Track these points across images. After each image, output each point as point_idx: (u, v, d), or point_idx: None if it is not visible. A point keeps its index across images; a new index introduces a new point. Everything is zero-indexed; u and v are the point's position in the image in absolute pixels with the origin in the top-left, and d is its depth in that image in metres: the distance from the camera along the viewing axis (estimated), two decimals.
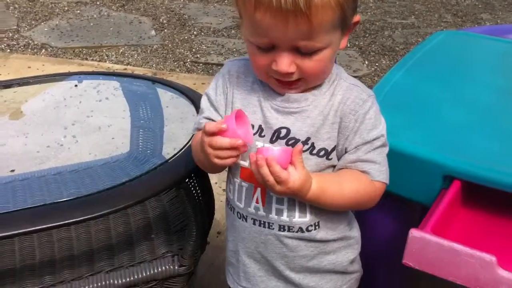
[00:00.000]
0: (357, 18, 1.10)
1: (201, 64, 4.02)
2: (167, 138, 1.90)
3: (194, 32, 4.60)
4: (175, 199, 1.56)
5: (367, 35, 4.51)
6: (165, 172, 1.36)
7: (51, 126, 1.97)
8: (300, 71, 1.05)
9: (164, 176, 1.34)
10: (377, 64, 4.00)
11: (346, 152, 1.12)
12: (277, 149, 1.01)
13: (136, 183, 1.30)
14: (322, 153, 1.11)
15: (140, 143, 1.87)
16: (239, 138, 1.03)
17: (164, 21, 4.84)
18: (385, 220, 1.47)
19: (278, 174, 0.99)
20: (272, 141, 1.11)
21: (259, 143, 1.12)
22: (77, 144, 1.90)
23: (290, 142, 1.10)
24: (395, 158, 1.21)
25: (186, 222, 1.48)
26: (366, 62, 4.03)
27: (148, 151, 1.87)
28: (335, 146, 1.12)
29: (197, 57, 4.13)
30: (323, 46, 1.02)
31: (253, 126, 1.12)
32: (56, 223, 1.21)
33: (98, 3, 5.27)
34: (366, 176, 1.12)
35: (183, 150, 1.42)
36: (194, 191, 1.45)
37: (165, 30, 4.64)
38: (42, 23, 4.76)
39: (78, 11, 5.05)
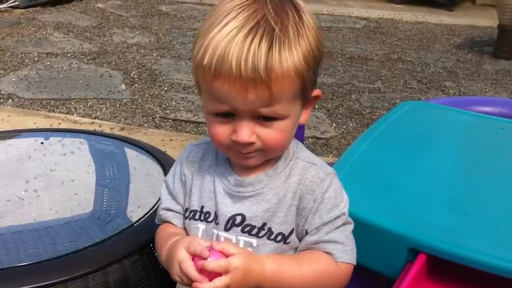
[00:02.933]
0: (317, 92, 1.10)
1: (170, 120, 4.03)
2: (131, 198, 1.87)
3: (165, 88, 4.62)
4: (137, 264, 1.52)
5: (335, 97, 4.60)
6: (128, 237, 1.33)
7: (12, 179, 1.92)
8: (260, 141, 1.03)
9: (127, 241, 1.31)
10: (344, 126, 4.06)
11: (306, 233, 1.08)
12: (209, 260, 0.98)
13: (98, 248, 1.27)
14: (279, 238, 1.08)
15: (104, 203, 1.84)
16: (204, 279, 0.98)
17: (135, 76, 4.86)
18: None
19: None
20: (226, 229, 1.09)
21: (215, 231, 1.10)
22: (38, 199, 1.85)
23: (246, 229, 1.08)
24: (360, 229, 1.20)
25: (148, 287, 1.44)
26: (334, 125, 4.09)
27: (112, 211, 1.83)
28: (292, 229, 1.08)
29: (166, 113, 4.13)
30: (283, 115, 1.02)
31: (209, 214, 1.11)
32: None
33: (69, 55, 5.28)
34: (328, 257, 1.08)
35: (147, 214, 1.40)
36: (157, 256, 1.42)
37: (136, 85, 4.65)
38: (11, 73, 4.72)
39: (48, 62, 5.04)
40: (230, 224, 1.09)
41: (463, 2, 8.46)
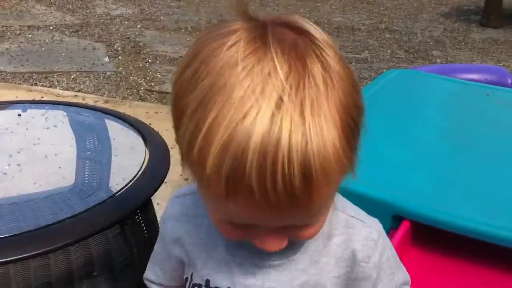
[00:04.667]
0: None
1: (155, 93, 3.98)
2: (113, 170, 1.85)
3: (149, 60, 4.56)
4: (119, 235, 1.51)
5: None
6: (109, 209, 1.31)
7: None
8: (293, 239, 0.75)
9: (109, 212, 1.30)
10: None
11: None
12: None
13: (78, 219, 1.25)
14: None
15: (86, 175, 1.81)
16: None
17: (119, 48, 4.78)
18: None
19: None
20: None
21: None
22: (21, 173, 1.82)
23: None
24: (343, 196, 1.20)
25: (131, 259, 1.43)
26: None
27: (94, 183, 1.80)
28: None
29: (151, 86, 4.09)
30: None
31: None
32: None
33: (51, 28, 5.19)
34: None
35: (128, 185, 1.38)
36: (139, 227, 1.41)
37: (120, 57, 4.59)
38: None
39: (30, 35, 4.95)
40: None
41: None
